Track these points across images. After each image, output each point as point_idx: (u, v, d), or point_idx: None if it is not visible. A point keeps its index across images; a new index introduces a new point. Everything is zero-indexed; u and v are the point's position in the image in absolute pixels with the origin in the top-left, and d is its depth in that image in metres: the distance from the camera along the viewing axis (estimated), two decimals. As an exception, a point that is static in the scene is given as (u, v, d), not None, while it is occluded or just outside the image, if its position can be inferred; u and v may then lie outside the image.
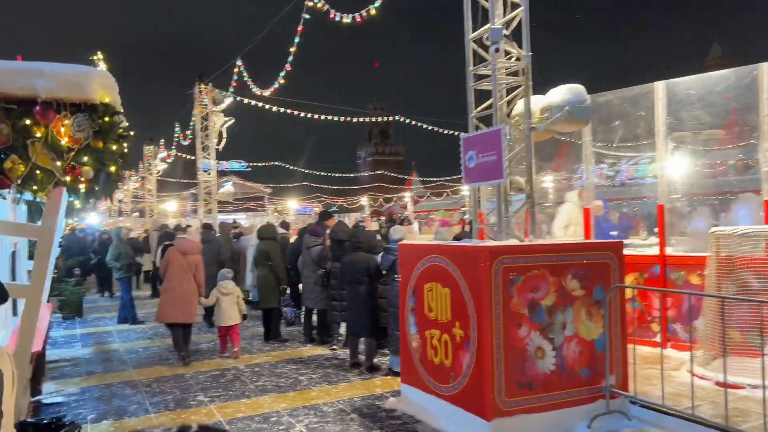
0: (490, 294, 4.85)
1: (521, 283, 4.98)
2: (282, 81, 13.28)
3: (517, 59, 5.81)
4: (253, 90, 14.58)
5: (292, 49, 12.02)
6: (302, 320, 9.87)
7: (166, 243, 14.92)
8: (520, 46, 5.75)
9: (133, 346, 9.43)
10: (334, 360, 8.07)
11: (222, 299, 8.53)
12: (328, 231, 9.06)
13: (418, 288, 5.77)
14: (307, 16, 10.95)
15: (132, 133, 3.46)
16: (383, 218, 22.58)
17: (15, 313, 5.47)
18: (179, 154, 25.78)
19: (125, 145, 3.25)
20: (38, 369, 7.23)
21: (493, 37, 5.52)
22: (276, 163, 45.84)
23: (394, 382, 6.68)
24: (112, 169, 3.17)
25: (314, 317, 9.34)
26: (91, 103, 3.08)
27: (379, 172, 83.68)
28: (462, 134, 6.04)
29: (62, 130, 2.98)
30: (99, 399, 6.54)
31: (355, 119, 24.82)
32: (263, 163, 51.98)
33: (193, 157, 19.66)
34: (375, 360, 7.53)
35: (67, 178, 3.00)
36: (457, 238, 6.90)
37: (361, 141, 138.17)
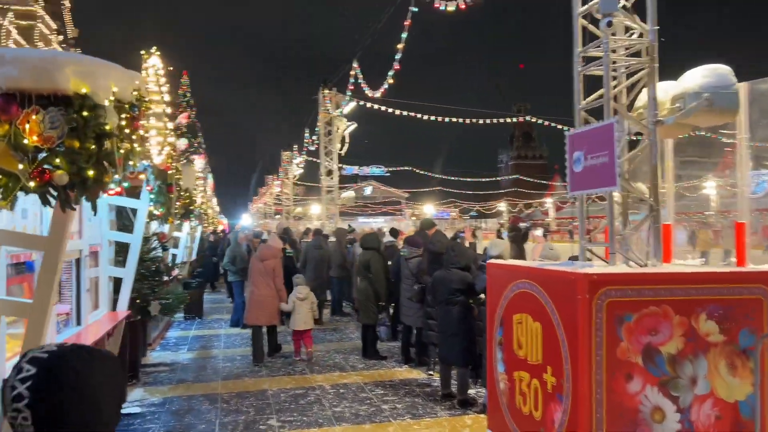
0: (590, 335, 3.76)
1: (633, 322, 3.82)
2: (390, 81, 12.74)
3: (640, 35, 4.61)
4: (366, 92, 14.24)
5: (399, 46, 11.42)
6: (400, 337, 9.16)
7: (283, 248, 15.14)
8: (643, 19, 4.56)
9: (232, 353, 9.32)
10: (426, 387, 7.24)
11: (298, 304, 8.72)
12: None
13: (507, 318, 4.78)
14: (415, 9, 10.31)
15: (130, 130, 2.97)
16: (504, 227, 21.05)
17: (79, 323, 5.35)
18: (311, 158, 26.36)
19: (108, 144, 2.74)
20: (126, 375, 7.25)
21: (605, 8, 4.39)
22: (410, 168, 45.60)
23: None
24: (91, 173, 2.68)
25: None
26: (64, 94, 2.62)
27: (515, 176, 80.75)
28: (567, 130, 4.95)
29: (28, 126, 2.54)
30: (174, 413, 6.31)
31: (494, 120, 23.68)
32: (398, 168, 52.11)
33: (323, 161, 19.85)
34: (470, 392, 6.60)
35: (32, 184, 2.54)
36: (574, 257, 5.75)
37: (503, 144, 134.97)
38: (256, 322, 8.66)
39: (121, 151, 3.13)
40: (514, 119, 29.76)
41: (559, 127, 23.29)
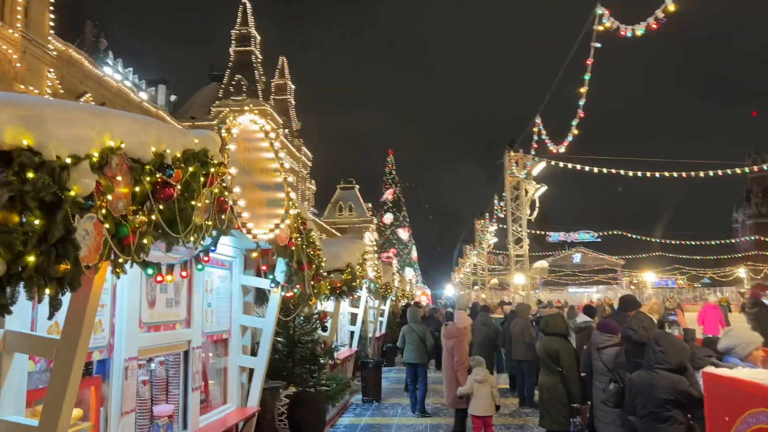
0: None
1: None
2: (575, 131, 11.03)
3: None
4: (550, 148, 12.65)
5: (582, 90, 9.82)
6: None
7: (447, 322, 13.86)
8: None
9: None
10: None
11: (476, 387, 7.87)
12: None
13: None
14: (598, 45, 8.75)
15: (155, 197, 2.16)
16: (717, 298, 16.88)
17: (185, 426, 4.69)
18: (503, 226, 24.92)
19: (61, 216, 1.92)
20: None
21: None
22: (622, 233, 41.35)
23: None
24: (31, 259, 1.85)
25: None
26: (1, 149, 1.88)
27: (756, 237, 69.32)
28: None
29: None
30: None
31: (720, 172, 20.30)
32: (607, 232, 47.66)
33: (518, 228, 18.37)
34: None
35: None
36: None
37: (738, 201, 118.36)
38: (449, 405, 8.69)
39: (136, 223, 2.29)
40: (748, 170, 25.20)
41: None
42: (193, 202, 2.94)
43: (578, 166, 15.89)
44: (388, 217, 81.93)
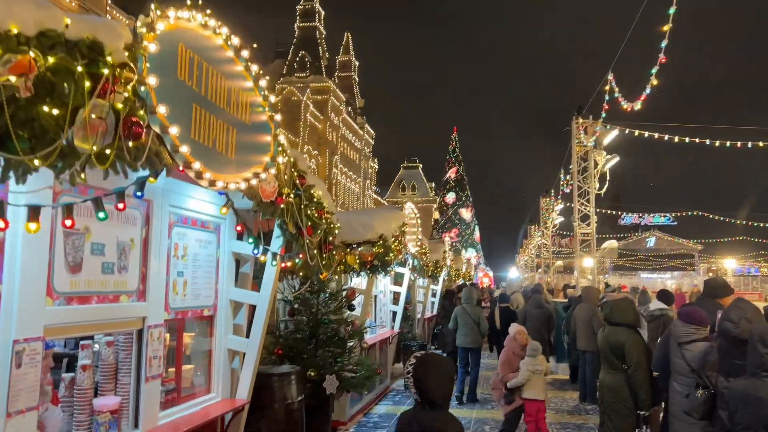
0: None
1: None
2: (654, 81, 9.29)
3: None
4: (624, 106, 10.90)
5: (665, 28, 8.10)
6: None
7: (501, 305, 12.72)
8: None
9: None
10: None
11: (533, 378, 6.95)
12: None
13: None
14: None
15: None
16: None
17: (137, 425, 3.73)
18: (569, 203, 22.94)
19: None
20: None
21: None
22: (701, 213, 38.11)
23: None
24: None
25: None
26: None
27: None
28: None
29: None
30: None
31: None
32: (685, 213, 44.19)
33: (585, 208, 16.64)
34: None
35: None
36: None
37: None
38: None
39: None
40: None
41: None
42: (56, 111, 1.94)
43: (656, 135, 14.06)
44: (450, 197, 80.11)
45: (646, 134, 14.10)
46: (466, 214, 79.31)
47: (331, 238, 5.09)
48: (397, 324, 11.66)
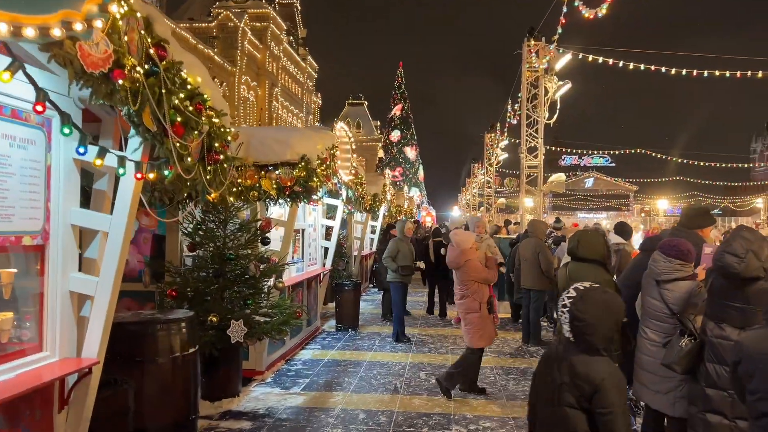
0: None
1: None
2: None
3: None
4: (585, 15, 9.79)
5: None
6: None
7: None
8: None
9: (355, 407, 6.08)
10: None
11: None
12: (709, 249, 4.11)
13: None
14: None
15: None
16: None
17: None
18: (515, 140, 22.02)
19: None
20: None
21: None
22: (642, 151, 38.34)
23: None
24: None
25: None
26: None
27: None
28: None
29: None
30: None
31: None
32: (626, 150, 44.43)
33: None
34: None
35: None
36: None
37: (758, 130, 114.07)
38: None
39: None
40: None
41: None
42: None
43: (610, 61, 13.11)
44: (395, 134, 78.68)
45: (600, 60, 13.13)
46: (410, 153, 78.17)
47: (218, 145, 3.79)
48: (329, 261, 10.56)
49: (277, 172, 6.39)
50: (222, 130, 3.90)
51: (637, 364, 4.24)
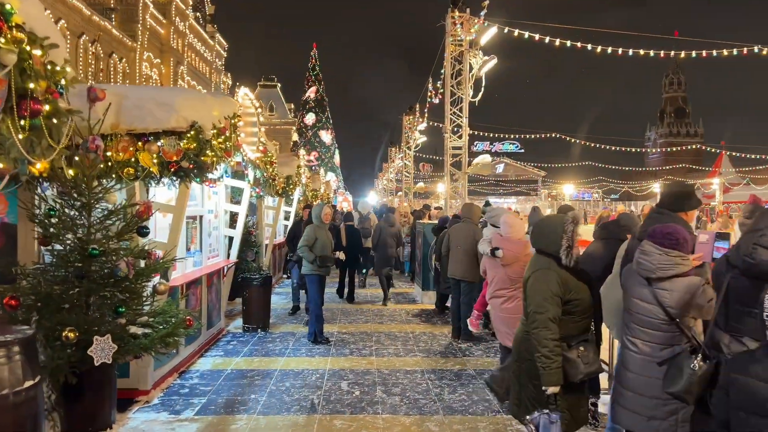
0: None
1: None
2: None
3: None
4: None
5: None
6: None
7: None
8: None
9: (270, 427, 4.91)
10: None
11: None
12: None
13: None
14: None
15: None
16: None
17: None
18: (437, 123, 21.16)
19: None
20: None
21: None
22: (552, 135, 39.00)
23: None
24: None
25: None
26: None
27: (671, 151, 69.86)
28: None
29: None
30: None
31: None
32: (538, 134, 45.14)
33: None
34: None
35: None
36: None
37: (651, 120, 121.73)
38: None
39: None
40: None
41: None
42: None
43: (536, 36, 12.49)
44: (309, 118, 76.73)
45: (527, 34, 12.47)
46: (326, 136, 76.46)
47: (40, 89, 2.49)
48: (234, 252, 9.20)
49: (159, 144, 5.03)
50: (50, 67, 2.59)
51: (621, 383, 3.36)
